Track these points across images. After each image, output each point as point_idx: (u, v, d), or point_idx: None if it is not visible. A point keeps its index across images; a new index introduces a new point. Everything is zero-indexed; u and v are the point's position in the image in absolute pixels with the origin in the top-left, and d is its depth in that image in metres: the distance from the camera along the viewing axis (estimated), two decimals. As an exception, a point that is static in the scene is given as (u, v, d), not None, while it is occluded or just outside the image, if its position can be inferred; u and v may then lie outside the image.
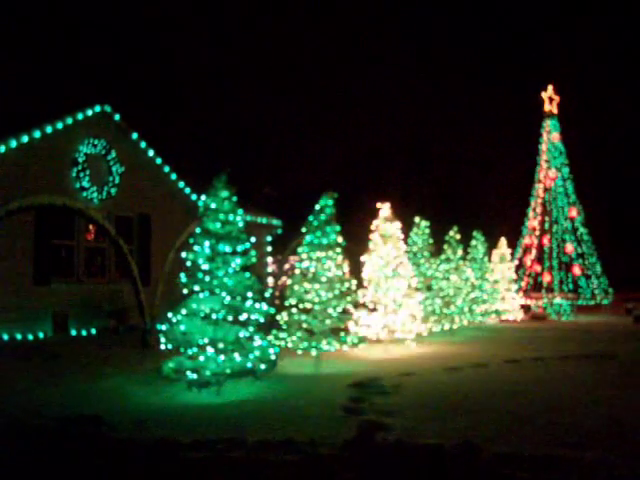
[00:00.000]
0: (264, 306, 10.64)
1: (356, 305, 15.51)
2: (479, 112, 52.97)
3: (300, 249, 14.35)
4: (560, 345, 18.40)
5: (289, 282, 14.31)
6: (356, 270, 17.40)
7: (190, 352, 10.08)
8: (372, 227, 18.60)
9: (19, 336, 15.35)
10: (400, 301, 18.08)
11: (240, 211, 10.85)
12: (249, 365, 10.21)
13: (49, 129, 16.46)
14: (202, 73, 48.25)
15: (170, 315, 10.32)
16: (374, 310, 17.89)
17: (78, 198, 17.12)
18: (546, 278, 36.22)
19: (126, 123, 18.69)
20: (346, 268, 14.35)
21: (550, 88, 37.95)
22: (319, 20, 56.99)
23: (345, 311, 14.15)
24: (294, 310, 13.85)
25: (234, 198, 10.78)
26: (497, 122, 50.45)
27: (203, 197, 10.89)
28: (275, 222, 24.61)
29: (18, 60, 33.39)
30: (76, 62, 36.63)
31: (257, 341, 10.45)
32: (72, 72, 35.62)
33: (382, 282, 18.03)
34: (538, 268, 37.01)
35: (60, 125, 16.77)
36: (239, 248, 10.63)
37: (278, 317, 13.70)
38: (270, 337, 12.49)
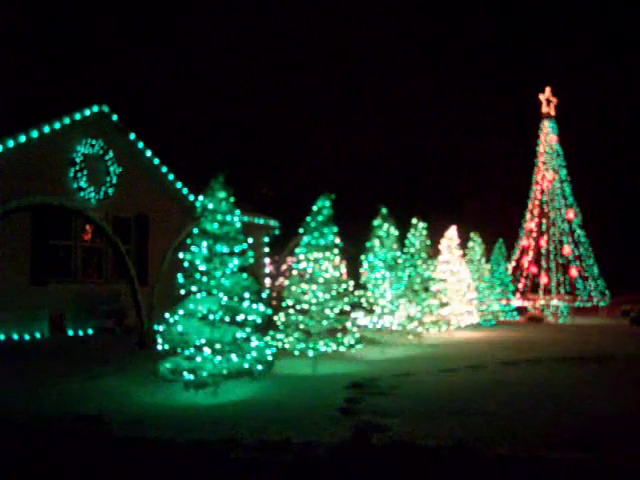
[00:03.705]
0: (261, 307, 10.64)
1: (353, 306, 15.51)
2: (477, 113, 53.05)
3: (297, 250, 14.36)
4: (557, 347, 18.42)
5: (286, 283, 14.32)
6: (353, 271, 17.42)
7: (187, 353, 10.08)
8: (369, 228, 18.62)
9: (16, 336, 15.35)
10: (397, 302, 18.10)
11: (237, 212, 10.86)
12: (246, 366, 10.21)
13: (47, 129, 16.46)
14: (200, 73, 48.24)
15: (167, 315, 10.32)
16: (371, 311, 17.91)
17: (75, 198, 17.13)
18: (543, 280, 36.29)
19: (124, 123, 18.69)
20: (343, 269, 14.36)
21: (548, 90, 38.04)
22: (318, 19, 57.04)
23: (342, 312, 14.16)
24: (291, 311, 13.86)
25: (231, 199, 10.78)
26: (495, 124, 50.52)
27: (201, 197, 10.90)
28: (273, 223, 24.62)
29: (16, 60, 33.37)
30: (74, 62, 36.62)
31: (254, 342, 10.46)
32: (70, 72, 35.61)
33: (379, 283, 18.05)
34: (535, 270, 37.09)
35: (58, 125, 16.77)
36: (236, 249, 10.63)
37: (275, 318, 13.71)
38: (267, 338, 12.49)
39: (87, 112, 17.69)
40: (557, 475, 6.32)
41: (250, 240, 11.02)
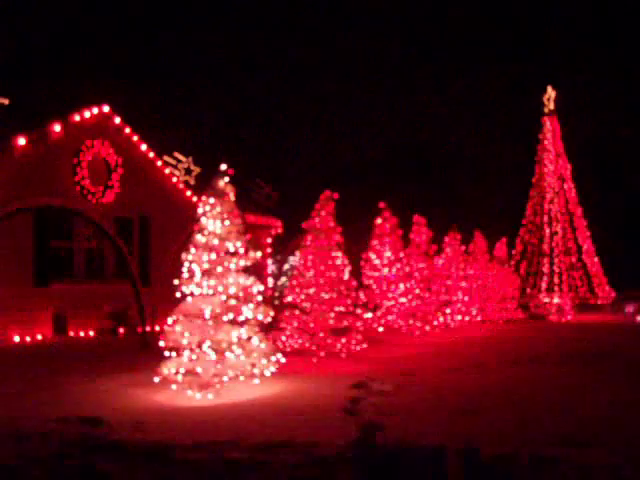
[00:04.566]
0: (264, 307, 10.61)
1: (356, 305, 15.50)
2: (479, 112, 53.00)
3: (300, 249, 14.35)
4: (560, 345, 18.37)
5: (289, 282, 14.30)
6: (357, 270, 17.40)
7: (189, 353, 10.06)
8: (372, 227, 18.60)
9: (17, 338, 15.34)
10: (400, 300, 18.07)
11: (240, 211, 10.83)
12: (249, 366, 10.19)
13: (48, 130, 16.45)
14: (202, 73, 48.25)
15: (169, 316, 10.30)
16: (374, 310, 17.90)
17: (77, 199, 17.11)
18: (546, 277, 36.24)
19: (126, 124, 18.68)
20: (346, 268, 14.34)
21: (549, 88, 37.99)
22: (320, 18, 57.02)
23: (345, 311, 14.13)
24: (294, 311, 13.84)
25: (233, 198, 10.76)
26: (497, 122, 50.50)
27: (203, 197, 10.86)
28: (275, 222, 24.59)
29: (17, 61, 33.39)
30: (76, 63, 36.64)
31: (257, 342, 10.43)
32: (72, 73, 35.62)
33: (382, 282, 18.03)
34: (538, 267, 37.05)
35: (60, 126, 16.75)
36: (239, 249, 10.61)
37: (278, 318, 13.69)
38: (270, 338, 12.47)
39: (90, 113, 17.68)
40: (559, 475, 6.29)
41: (252, 240, 10.98)
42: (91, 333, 16.89)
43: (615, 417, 8.79)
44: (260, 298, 10.69)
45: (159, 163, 19.68)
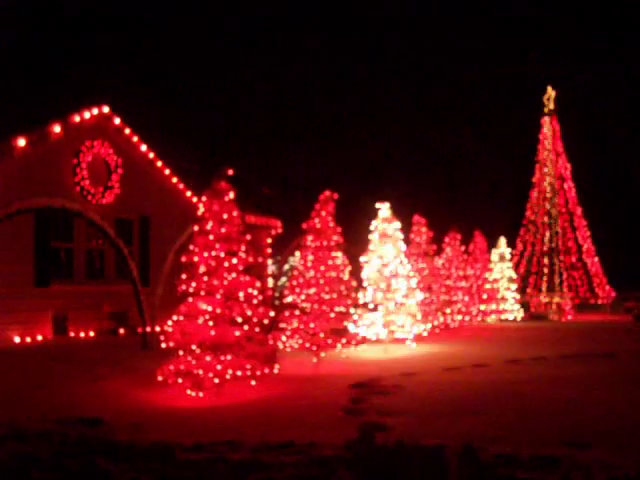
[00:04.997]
0: (264, 307, 10.61)
1: (356, 306, 15.49)
2: (479, 112, 52.99)
3: (300, 250, 14.34)
4: (560, 345, 18.38)
5: (289, 283, 14.30)
6: (356, 270, 17.39)
7: (189, 353, 10.06)
8: (372, 227, 18.59)
9: (18, 338, 15.33)
10: (400, 301, 18.06)
11: (239, 212, 10.83)
12: (249, 366, 10.19)
13: (48, 131, 16.44)
14: (202, 74, 48.25)
15: (170, 316, 10.30)
16: (374, 310, 17.89)
17: (78, 200, 17.10)
18: (546, 277, 36.23)
19: (126, 125, 18.67)
20: (346, 268, 14.34)
21: (549, 88, 37.98)
22: (319, 18, 57.05)
23: (345, 312, 14.13)
24: (294, 311, 13.84)
25: (233, 198, 10.76)
26: (497, 122, 50.47)
27: (203, 198, 10.87)
28: (275, 223, 24.58)
29: (17, 62, 33.39)
30: (76, 63, 36.62)
31: (257, 342, 10.43)
32: (72, 73, 35.59)
33: (382, 282, 18.02)
34: (538, 267, 37.04)
35: (60, 127, 16.74)
36: (238, 249, 10.61)
37: (278, 318, 13.68)
38: (270, 338, 12.47)
39: (89, 114, 17.66)
40: (560, 474, 6.29)
41: (252, 240, 10.98)
42: (91, 334, 16.87)
43: (615, 417, 8.79)
44: (260, 298, 10.69)
45: (159, 164, 19.66)
